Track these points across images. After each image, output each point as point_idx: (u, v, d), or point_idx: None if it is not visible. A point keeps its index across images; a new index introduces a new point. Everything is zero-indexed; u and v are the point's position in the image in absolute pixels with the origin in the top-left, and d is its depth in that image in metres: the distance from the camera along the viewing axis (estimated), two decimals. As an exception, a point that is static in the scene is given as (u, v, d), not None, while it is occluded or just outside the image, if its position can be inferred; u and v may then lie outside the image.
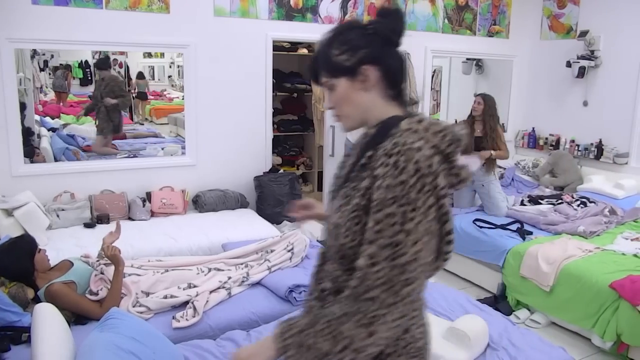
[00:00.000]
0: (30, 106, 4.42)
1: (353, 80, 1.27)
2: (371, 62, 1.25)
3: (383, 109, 1.29)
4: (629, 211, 4.72)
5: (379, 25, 1.27)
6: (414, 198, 1.10)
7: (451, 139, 1.19)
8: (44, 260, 2.76)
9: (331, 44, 1.28)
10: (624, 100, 5.46)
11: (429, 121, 1.21)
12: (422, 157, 1.12)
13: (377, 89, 1.28)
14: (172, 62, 5.61)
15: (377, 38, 1.26)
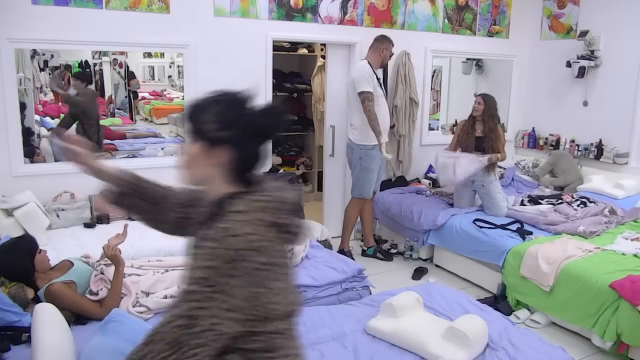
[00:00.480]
0: (30, 106, 4.42)
1: (207, 151, 1.31)
2: (230, 146, 1.30)
3: (226, 186, 1.34)
4: (629, 211, 4.72)
5: (257, 119, 1.32)
6: (220, 282, 1.19)
7: (286, 210, 1.31)
8: (44, 260, 2.76)
9: (209, 107, 1.32)
10: (624, 100, 5.46)
11: (261, 198, 1.29)
12: (241, 243, 1.21)
13: (225, 169, 1.33)
14: (172, 62, 5.61)
15: (249, 128, 1.31)
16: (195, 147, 1.32)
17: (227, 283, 1.19)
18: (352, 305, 3.02)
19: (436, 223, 4.67)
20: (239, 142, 1.31)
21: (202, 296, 1.19)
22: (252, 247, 1.22)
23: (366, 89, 4.45)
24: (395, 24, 5.49)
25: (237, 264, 1.20)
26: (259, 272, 1.24)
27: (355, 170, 4.75)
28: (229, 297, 1.20)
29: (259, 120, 1.32)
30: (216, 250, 1.20)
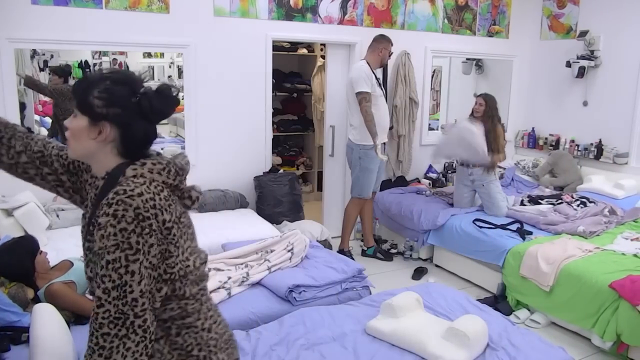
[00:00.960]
0: (30, 106, 4.42)
1: (91, 125, 1.32)
2: (115, 123, 1.32)
3: (111, 160, 1.35)
4: (628, 211, 4.72)
5: (144, 100, 1.33)
6: (135, 241, 1.21)
7: (176, 172, 1.35)
8: (44, 262, 2.76)
9: (98, 83, 1.32)
10: (623, 100, 5.46)
11: (150, 162, 1.32)
12: (141, 202, 1.23)
13: (110, 145, 1.34)
14: (171, 62, 5.60)
15: (136, 107, 1.33)
16: (80, 120, 1.33)
17: (139, 242, 1.21)
18: (352, 305, 3.02)
19: (436, 223, 4.67)
20: (122, 121, 1.32)
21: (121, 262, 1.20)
22: (153, 205, 1.25)
23: (364, 89, 4.45)
24: (395, 24, 5.49)
25: (143, 222, 1.22)
26: (166, 228, 1.28)
27: (355, 170, 4.75)
28: (145, 255, 1.23)
29: (148, 102, 1.33)
30: (117, 211, 1.20)
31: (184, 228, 1.36)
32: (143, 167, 1.31)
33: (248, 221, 4.33)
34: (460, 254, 4.55)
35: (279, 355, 2.42)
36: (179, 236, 1.33)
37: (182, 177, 1.38)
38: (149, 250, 1.24)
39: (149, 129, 1.37)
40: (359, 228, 5.33)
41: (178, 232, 1.32)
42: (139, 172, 1.30)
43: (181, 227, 1.35)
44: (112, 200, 1.22)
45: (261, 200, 4.81)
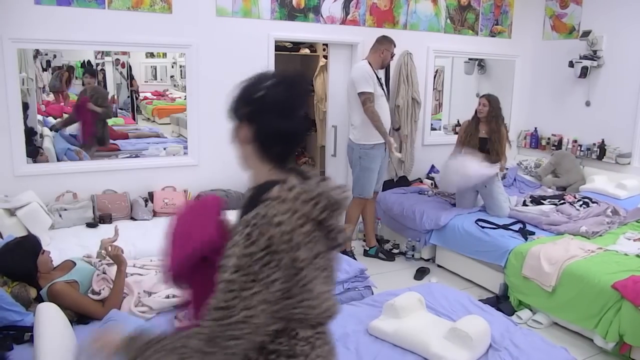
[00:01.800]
0: (33, 106, 4.43)
1: (235, 129, 1.35)
2: (247, 121, 1.31)
3: (263, 168, 1.33)
4: (631, 211, 4.71)
5: (271, 91, 1.29)
6: (256, 271, 1.14)
7: (325, 206, 1.22)
8: (47, 262, 2.77)
9: (240, 90, 1.34)
10: (626, 101, 5.45)
11: (300, 189, 1.22)
12: (278, 232, 1.15)
13: (252, 147, 1.32)
14: (174, 62, 5.62)
15: (264, 102, 1.29)
16: (232, 128, 1.36)
17: (262, 272, 1.15)
18: (354, 305, 3.02)
19: (439, 223, 4.66)
20: (254, 117, 1.30)
21: (236, 286, 1.15)
22: (290, 238, 1.16)
23: (366, 89, 4.44)
24: (398, 24, 5.48)
25: (274, 255, 1.15)
26: (296, 267, 1.18)
27: (355, 170, 4.74)
28: (264, 288, 1.15)
29: (273, 94, 1.29)
30: (251, 235, 1.15)
31: (317, 271, 1.24)
32: (290, 191, 1.21)
33: (250, 221, 4.33)
34: (462, 254, 4.54)
35: (281, 355, 2.42)
36: (310, 279, 1.22)
37: (333, 212, 1.25)
38: (270, 285, 1.16)
39: (281, 125, 1.29)
40: (361, 228, 5.33)
41: (309, 275, 1.21)
42: (284, 196, 1.20)
43: (315, 268, 1.23)
44: (250, 221, 1.17)
45: (263, 200, 4.80)
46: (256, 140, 1.31)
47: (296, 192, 1.21)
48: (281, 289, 1.18)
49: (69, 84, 5.00)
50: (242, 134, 1.32)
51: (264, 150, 1.31)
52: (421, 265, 4.82)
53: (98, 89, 4.99)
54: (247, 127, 1.31)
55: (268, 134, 1.30)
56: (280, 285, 1.17)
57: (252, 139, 1.31)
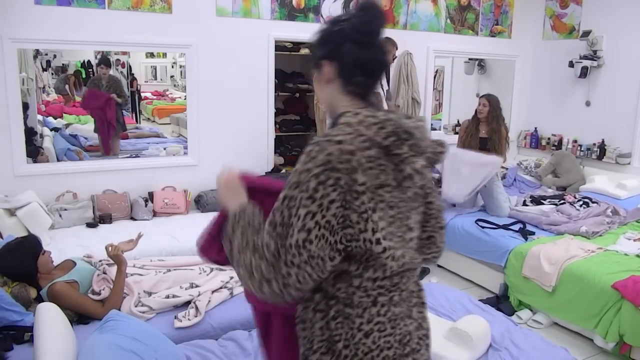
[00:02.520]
0: (33, 106, 4.43)
1: (318, 74, 1.35)
2: (329, 58, 1.31)
3: (343, 102, 1.32)
4: (631, 211, 4.71)
5: (345, 24, 1.30)
6: (313, 187, 1.13)
7: (391, 132, 1.19)
8: (47, 262, 2.77)
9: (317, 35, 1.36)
10: (626, 101, 5.45)
11: (366, 114, 1.21)
12: (337, 150, 1.14)
13: (336, 83, 1.32)
14: (174, 62, 5.61)
15: (342, 35, 1.29)
16: (314, 74, 1.37)
17: (318, 190, 1.12)
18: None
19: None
20: (332, 53, 1.30)
21: (295, 202, 1.14)
22: (349, 159, 1.14)
23: None
24: (398, 24, 5.48)
25: (331, 172, 1.12)
26: (355, 192, 1.14)
27: None
28: (321, 209, 1.13)
29: (349, 27, 1.29)
30: (312, 151, 1.15)
31: (382, 204, 1.18)
32: (356, 116, 1.21)
33: (250, 221, 4.33)
34: (462, 254, 4.54)
35: (281, 355, 2.42)
36: (371, 209, 1.16)
37: (401, 140, 1.20)
38: (328, 205, 1.13)
39: (361, 54, 1.29)
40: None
41: (371, 204, 1.16)
42: (349, 120, 1.21)
43: (378, 200, 1.18)
44: (313, 140, 1.18)
45: (263, 200, 4.80)
46: (339, 75, 1.31)
47: (361, 116, 1.21)
48: (339, 214, 1.14)
49: (77, 88, 5.00)
50: (325, 73, 1.32)
51: (347, 84, 1.31)
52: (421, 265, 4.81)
53: (113, 77, 5.03)
54: (329, 65, 1.31)
55: (349, 66, 1.30)
56: (338, 209, 1.14)
57: (335, 75, 1.31)
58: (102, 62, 4.90)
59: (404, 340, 1.30)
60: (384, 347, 1.26)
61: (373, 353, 1.25)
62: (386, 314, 1.26)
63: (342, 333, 1.24)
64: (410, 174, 1.23)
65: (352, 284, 1.23)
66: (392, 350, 1.27)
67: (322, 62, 1.32)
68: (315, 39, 1.35)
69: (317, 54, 1.34)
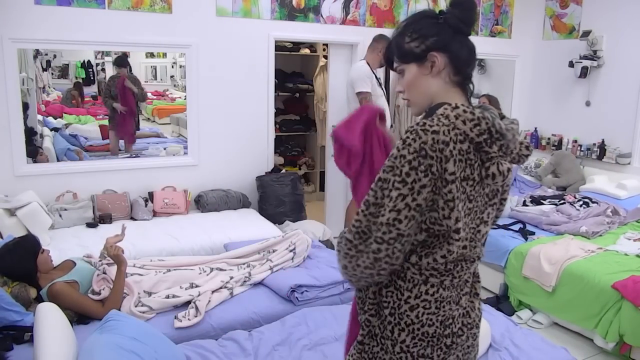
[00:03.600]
0: (33, 106, 4.43)
1: (421, 66, 1.37)
2: (438, 49, 1.34)
3: (447, 94, 1.36)
4: (631, 211, 4.71)
5: (449, 15, 1.35)
6: (406, 172, 1.20)
7: (484, 130, 1.25)
8: (47, 261, 2.77)
9: (404, 31, 1.39)
10: (626, 101, 5.45)
11: (463, 109, 1.26)
12: (431, 139, 1.19)
13: (443, 74, 1.36)
14: (174, 62, 5.61)
15: (446, 27, 1.35)
16: (409, 71, 1.39)
17: (411, 175, 1.20)
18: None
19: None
20: (443, 44, 1.34)
21: (388, 184, 1.22)
22: (442, 149, 1.20)
23: (364, 89, 4.44)
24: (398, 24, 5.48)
25: (424, 159, 1.19)
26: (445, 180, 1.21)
27: None
28: (412, 192, 1.20)
29: (452, 17, 1.35)
30: (407, 138, 1.21)
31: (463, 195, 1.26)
32: (454, 110, 1.26)
33: (250, 221, 4.34)
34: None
35: (281, 355, 2.42)
36: (458, 198, 1.24)
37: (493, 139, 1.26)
38: (419, 190, 1.21)
39: (469, 44, 1.37)
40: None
41: (458, 193, 1.24)
42: (447, 113, 1.25)
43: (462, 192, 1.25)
44: (410, 128, 1.23)
45: (263, 200, 4.81)
46: (450, 65, 1.35)
47: (460, 111, 1.25)
48: (428, 198, 1.22)
49: (83, 100, 5.02)
50: (436, 65, 1.34)
51: (456, 74, 1.36)
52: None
53: (132, 76, 5.06)
54: (439, 55, 1.34)
55: (461, 54, 1.36)
56: (427, 194, 1.21)
57: (445, 65, 1.35)
58: (115, 64, 4.95)
59: (446, 322, 1.37)
60: (425, 324, 1.34)
61: (414, 326, 1.34)
62: (434, 294, 1.34)
63: (390, 301, 1.35)
64: (494, 174, 1.29)
65: (409, 260, 1.32)
66: (432, 328, 1.35)
67: (432, 53, 1.34)
68: (414, 30, 1.37)
69: (420, 46, 1.35)
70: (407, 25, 1.40)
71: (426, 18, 1.38)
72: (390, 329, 1.36)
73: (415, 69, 1.37)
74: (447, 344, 1.37)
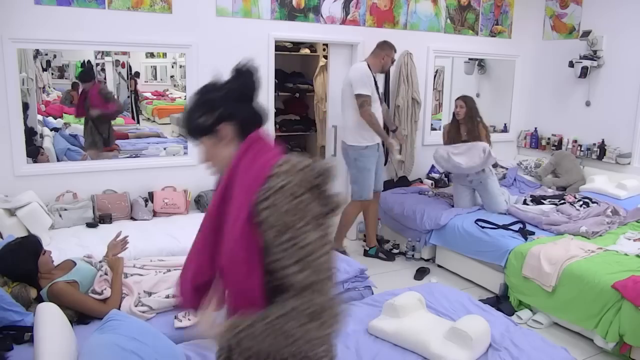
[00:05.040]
0: (33, 106, 4.43)
1: (214, 138, 1.45)
2: (226, 120, 1.43)
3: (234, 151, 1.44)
4: (631, 211, 4.71)
5: (232, 86, 1.47)
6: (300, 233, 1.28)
7: (318, 172, 1.35)
8: (47, 262, 2.77)
9: (193, 107, 1.46)
10: (626, 101, 5.45)
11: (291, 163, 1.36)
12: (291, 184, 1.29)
13: (235, 141, 1.44)
14: (174, 62, 5.61)
15: (231, 97, 1.45)
16: (204, 144, 1.47)
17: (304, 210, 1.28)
18: (354, 305, 3.02)
19: (439, 223, 4.66)
20: (229, 114, 1.43)
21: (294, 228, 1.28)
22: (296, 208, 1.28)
23: (364, 91, 4.42)
24: (398, 24, 5.48)
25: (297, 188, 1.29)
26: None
27: (353, 172, 4.72)
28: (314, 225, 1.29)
29: (234, 87, 1.46)
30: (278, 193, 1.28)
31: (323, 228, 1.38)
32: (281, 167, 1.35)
33: (250, 221, 4.32)
34: (462, 254, 4.54)
35: (281, 355, 2.42)
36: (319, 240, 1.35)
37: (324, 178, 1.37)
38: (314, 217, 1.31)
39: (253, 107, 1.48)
40: (361, 228, 5.32)
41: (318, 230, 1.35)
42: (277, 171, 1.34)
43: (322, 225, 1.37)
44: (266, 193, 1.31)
45: (263, 200, 4.79)
46: (241, 133, 1.44)
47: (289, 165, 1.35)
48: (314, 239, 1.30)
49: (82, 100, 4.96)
50: (224, 135, 1.43)
51: (244, 135, 1.44)
52: (421, 265, 4.82)
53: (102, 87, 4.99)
54: (227, 125, 1.43)
55: (247, 119, 1.45)
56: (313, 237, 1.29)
57: (236, 133, 1.44)
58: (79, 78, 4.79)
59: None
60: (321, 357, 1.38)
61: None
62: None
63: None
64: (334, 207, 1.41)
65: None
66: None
67: (221, 125, 1.42)
68: (202, 106, 1.44)
69: (208, 121, 1.42)
70: (196, 99, 1.46)
71: (211, 92, 1.46)
72: None
73: (210, 141, 1.45)
74: None
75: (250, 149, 1.41)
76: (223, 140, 1.44)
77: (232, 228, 1.36)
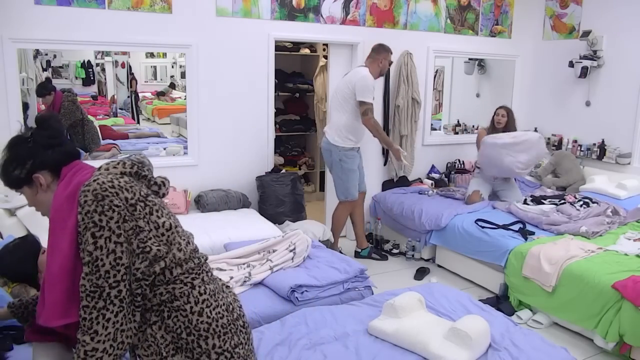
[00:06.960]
0: (33, 106, 4.43)
1: (32, 187, 1.57)
2: (38, 169, 1.54)
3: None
4: (631, 211, 4.71)
5: (37, 137, 1.55)
6: (97, 219, 1.37)
7: (132, 163, 1.52)
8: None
9: (6, 161, 1.56)
10: (626, 101, 5.45)
11: (105, 163, 1.51)
12: (97, 185, 1.39)
13: (52, 186, 1.55)
14: (174, 62, 5.62)
15: (39, 147, 1.54)
16: (25, 194, 1.60)
17: (101, 220, 1.37)
18: (354, 305, 3.02)
19: (439, 223, 4.66)
20: (40, 162, 1.53)
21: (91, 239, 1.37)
22: (112, 185, 1.40)
23: (369, 100, 4.42)
24: (398, 24, 5.48)
25: (102, 201, 1.37)
26: (132, 206, 1.42)
27: (336, 173, 4.69)
28: (112, 230, 1.38)
29: (39, 139, 1.54)
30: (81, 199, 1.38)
31: (154, 206, 1.50)
32: (99, 169, 1.49)
33: (250, 221, 4.34)
34: (462, 254, 4.54)
35: (281, 355, 2.42)
36: (148, 212, 1.47)
37: (141, 166, 1.55)
38: (116, 225, 1.38)
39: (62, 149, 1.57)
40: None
41: (145, 209, 1.46)
42: (95, 173, 1.48)
43: (149, 204, 1.48)
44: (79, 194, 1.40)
45: (263, 200, 4.81)
46: (54, 176, 1.55)
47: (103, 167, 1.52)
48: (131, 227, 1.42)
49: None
50: (42, 182, 1.54)
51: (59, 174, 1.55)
52: (421, 266, 4.82)
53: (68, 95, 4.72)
54: (41, 173, 1.54)
55: (58, 161, 1.55)
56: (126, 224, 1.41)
57: (50, 178, 1.55)
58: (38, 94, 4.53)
59: (229, 308, 1.62)
60: (218, 318, 1.55)
61: (212, 326, 1.52)
62: (206, 291, 1.56)
63: (180, 324, 1.49)
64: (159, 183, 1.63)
65: (170, 282, 1.48)
66: (225, 319, 1.57)
67: (35, 175, 1.53)
68: (12, 160, 1.54)
69: (22, 173, 1.53)
70: (7, 154, 1.56)
71: (18, 145, 1.55)
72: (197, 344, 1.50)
73: (29, 191, 1.57)
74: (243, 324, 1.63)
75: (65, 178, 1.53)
76: (42, 187, 1.55)
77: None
